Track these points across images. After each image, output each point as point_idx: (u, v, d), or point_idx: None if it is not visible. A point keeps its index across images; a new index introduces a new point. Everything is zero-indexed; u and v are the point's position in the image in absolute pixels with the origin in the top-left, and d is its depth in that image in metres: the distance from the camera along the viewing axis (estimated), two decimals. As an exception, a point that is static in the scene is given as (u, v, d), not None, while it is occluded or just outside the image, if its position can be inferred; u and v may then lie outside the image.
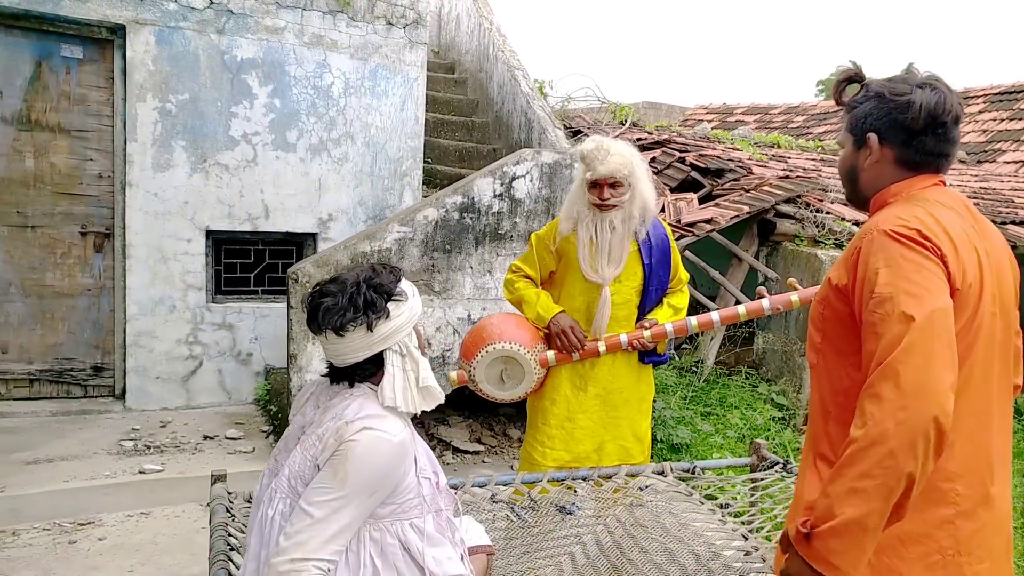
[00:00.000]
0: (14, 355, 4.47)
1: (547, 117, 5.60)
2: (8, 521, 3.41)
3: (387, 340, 1.77)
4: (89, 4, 4.24)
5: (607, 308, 2.81)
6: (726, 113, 14.93)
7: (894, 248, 1.39)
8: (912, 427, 1.27)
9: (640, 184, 2.80)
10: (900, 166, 1.55)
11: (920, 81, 1.53)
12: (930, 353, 1.30)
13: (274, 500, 1.73)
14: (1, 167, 4.33)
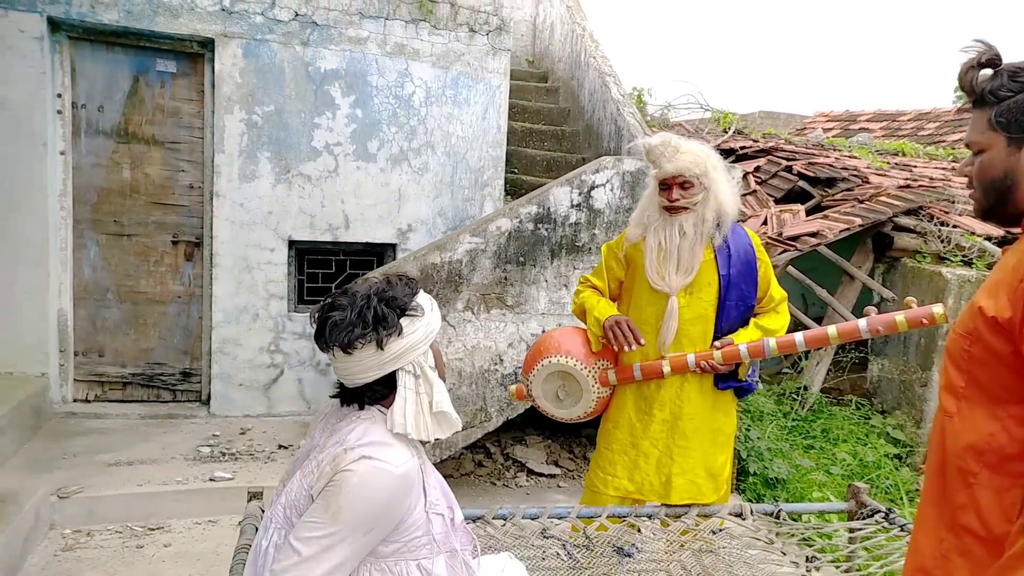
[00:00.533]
0: (109, 358, 4.65)
1: (637, 124, 5.32)
2: (84, 522, 3.49)
3: (399, 359, 1.60)
4: (181, 19, 4.37)
5: (673, 321, 2.53)
6: (849, 120, 14.02)
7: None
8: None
9: (716, 186, 2.52)
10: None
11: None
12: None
13: (269, 530, 1.59)
14: (101, 178, 4.52)
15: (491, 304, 4.00)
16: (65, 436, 4.13)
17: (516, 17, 7.97)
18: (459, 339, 3.97)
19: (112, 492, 3.57)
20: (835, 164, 6.30)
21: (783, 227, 5.37)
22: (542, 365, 2.66)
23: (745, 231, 2.65)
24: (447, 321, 3.95)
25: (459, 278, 3.94)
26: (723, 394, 2.66)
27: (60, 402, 4.48)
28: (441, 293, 3.92)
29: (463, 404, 4.03)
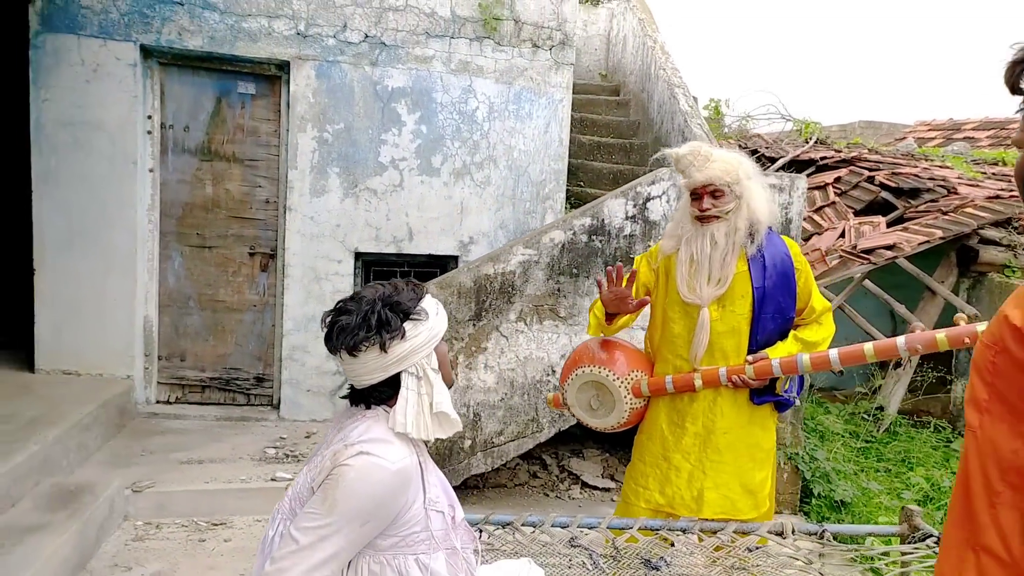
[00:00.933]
0: (190, 363, 4.95)
1: (705, 136, 5.24)
2: (154, 515, 3.72)
3: (403, 361, 1.65)
4: (260, 44, 4.64)
5: (704, 333, 2.48)
6: (952, 129, 13.26)
7: None
8: None
9: (749, 194, 2.46)
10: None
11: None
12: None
13: (276, 521, 1.67)
14: (186, 193, 4.84)
15: (544, 315, 4.02)
16: (146, 435, 4.42)
17: (590, 32, 8.02)
18: (511, 350, 4.01)
19: (181, 488, 3.79)
20: (921, 175, 6.00)
21: (860, 239, 5.15)
22: (576, 375, 2.67)
23: (782, 240, 2.57)
24: (500, 331, 4.00)
25: (512, 289, 3.98)
26: (760, 408, 2.58)
27: (144, 403, 4.80)
28: (494, 304, 3.97)
29: (515, 414, 4.06)
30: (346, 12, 4.70)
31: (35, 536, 3.03)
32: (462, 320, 3.95)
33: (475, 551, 1.80)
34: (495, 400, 4.04)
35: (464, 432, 4.04)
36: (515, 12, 4.88)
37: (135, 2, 4.45)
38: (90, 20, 4.41)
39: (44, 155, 4.45)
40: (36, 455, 3.47)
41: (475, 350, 3.99)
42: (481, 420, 4.04)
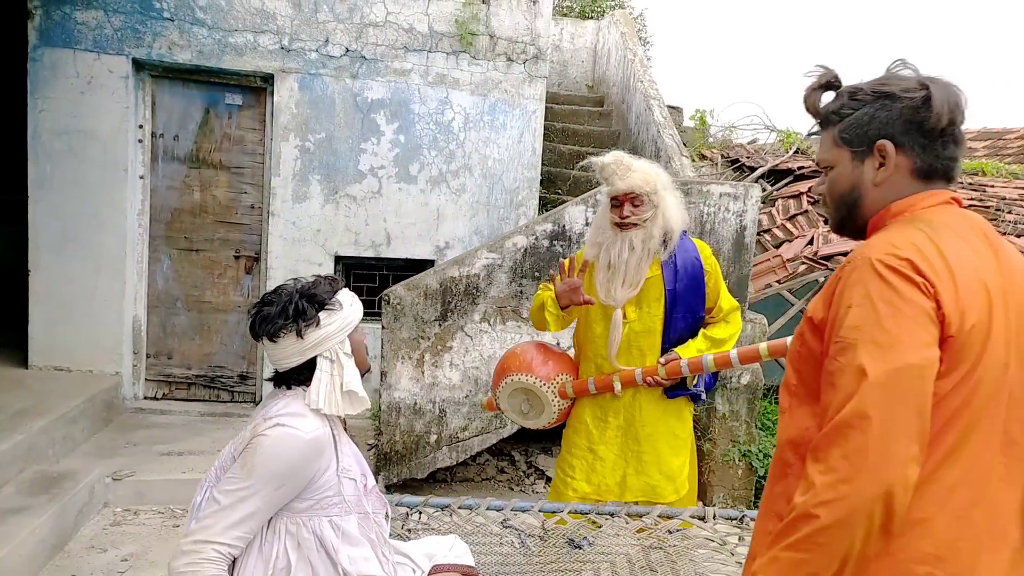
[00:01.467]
0: (177, 360, 5.17)
1: (675, 146, 5.43)
2: (133, 502, 3.93)
3: (318, 347, 1.85)
4: (245, 57, 4.88)
5: (617, 332, 2.65)
6: (950, 141, 13.38)
7: (875, 284, 1.18)
8: (853, 505, 1.11)
9: (665, 204, 2.64)
10: (915, 177, 1.32)
11: (925, 76, 1.31)
12: (890, 419, 1.12)
13: (203, 488, 1.87)
14: (175, 199, 5.08)
15: (507, 316, 4.21)
16: (131, 428, 4.64)
17: (577, 45, 8.24)
18: (476, 349, 4.20)
19: (160, 477, 4.00)
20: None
21: (824, 246, 5.31)
22: (506, 383, 2.83)
23: (694, 244, 2.74)
24: (464, 331, 4.19)
25: (477, 291, 4.17)
26: (675, 401, 2.76)
27: (132, 399, 5.02)
28: (459, 305, 4.17)
29: (479, 410, 4.25)
30: (328, 28, 4.93)
31: (16, 517, 3.25)
32: (429, 320, 4.15)
33: (386, 516, 1.98)
34: (460, 397, 4.23)
35: (430, 427, 4.23)
36: (490, 28, 5.09)
37: (128, 18, 4.70)
38: (85, 35, 4.67)
39: (40, 162, 4.70)
40: (21, 444, 3.69)
41: (441, 349, 4.18)
42: (447, 416, 4.23)
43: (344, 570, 1.80)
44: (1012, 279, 1.25)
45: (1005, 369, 1.21)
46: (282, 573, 1.77)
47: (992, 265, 1.23)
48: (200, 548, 1.69)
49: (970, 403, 1.18)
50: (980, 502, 1.20)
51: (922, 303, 1.14)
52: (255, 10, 4.82)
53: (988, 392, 1.19)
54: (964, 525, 1.19)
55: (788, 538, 1.17)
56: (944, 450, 1.18)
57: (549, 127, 6.69)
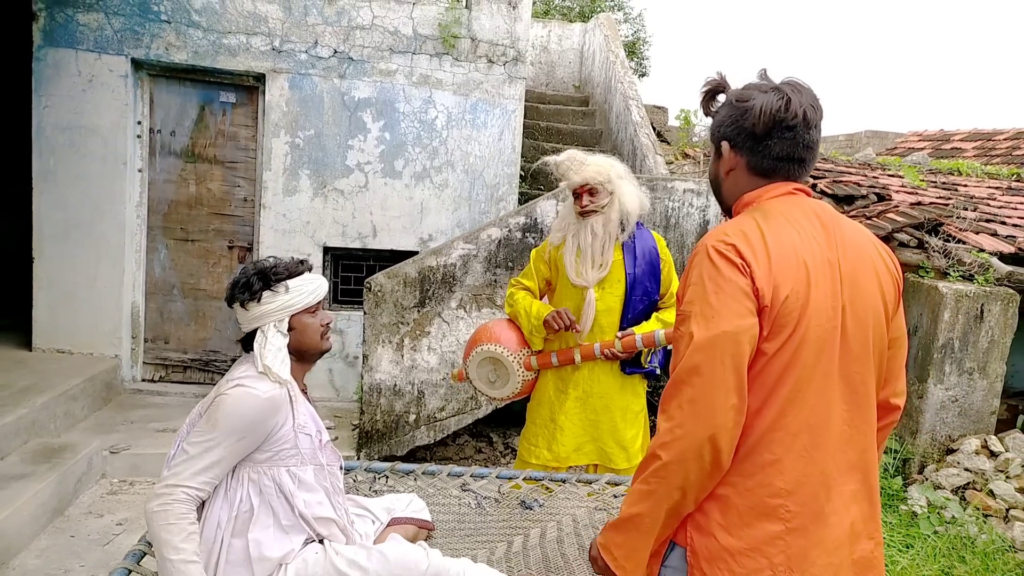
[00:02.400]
0: (173, 345, 5.44)
1: (650, 145, 5.67)
2: (129, 474, 4.20)
3: (258, 320, 2.09)
4: (239, 58, 5.14)
5: (591, 310, 2.91)
6: (942, 140, 13.58)
7: (706, 265, 1.41)
8: (686, 445, 1.35)
9: (620, 191, 2.90)
10: (754, 173, 1.54)
11: (771, 86, 1.52)
12: (711, 375, 1.34)
13: (176, 443, 2.12)
14: (171, 192, 5.34)
15: (482, 303, 4.46)
16: (129, 408, 4.91)
17: (565, 46, 8.48)
18: (452, 334, 4.46)
19: (154, 451, 4.26)
20: (861, 183, 6.38)
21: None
22: (476, 352, 3.10)
23: (652, 235, 3.01)
24: (442, 317, 4.45)
25: (453, 280, 4.43)
26: (631, 378, 3.02)
27: (130, 380, 5.30)
28: (437, 293, 4.42)
29: (455, 392, 4.51)
30: (317, 30, 5.19)
31: (19, 483, 3.52)
32: (408, 307, 4.41)
33: (340, 468, 2.24)
34: (437, 379, 4.48)
35: (409, 407, 4.49)
36: (472, 31, 5.34)
37: (127, 20, 4.97)
38: (87, 36, 4.94)
39: (44, 156, 4.97)
40: (24, 417, 3.97)
41: (419, 334, 4.44)
42: (425, 397, 4.49)
43: (300, 512, 2.05)
44: (844, 253, 1.47)
45: (834, 331, 1.43)
46: (246, 515, 2.03)
47: (819, 244, 1.46)
48: (171, 491, 1.94)
49: (796, 361, 1.40)
50: (821, 443, 1.43)
51: (739, 281, 1.38)
52: (248, 13, 5.08)
53: (815, 350, 1.41)
54: (808, 463, 1.42)
55: (641, 474, 1.41)
56: (782, 401, 1.40)
57: (534, 126, 6.95)
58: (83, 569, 3.26)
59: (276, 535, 2.02)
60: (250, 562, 1.97)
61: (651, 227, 4.50)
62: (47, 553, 3.35)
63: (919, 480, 4.65)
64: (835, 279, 1.45)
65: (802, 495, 1.41)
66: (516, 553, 2.64)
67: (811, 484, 1.42)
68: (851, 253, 1.49)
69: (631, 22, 14.87)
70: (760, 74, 1.58)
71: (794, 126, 1.47)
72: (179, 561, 1.85)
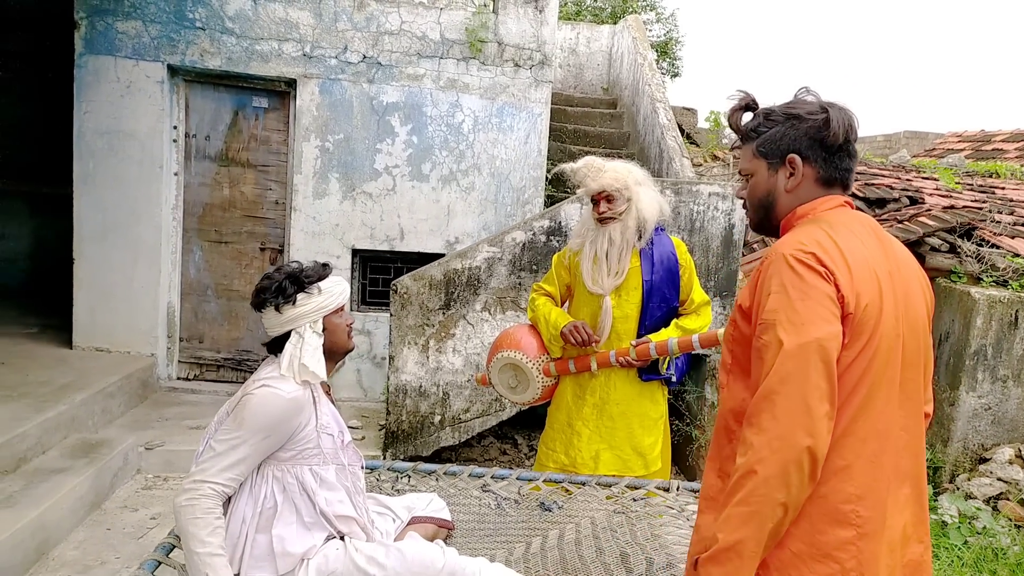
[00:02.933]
0: (207, 344, 5.58)
1: (677, 148, 5.66)
2: (163, 469, 4.32)
3: (293, 322, 2.15)
4: (271, 64, 5.26)
5: (608, 318, 2.92)
6: (982, 141, 13.29)
7: (787, 274, 1.41)
8: (786, 457, 1.32)
9: (637, 197, 2.90)
10: (818, 184, 1.57)
11: (825, 102, 1.57)
12: (805, 383, 1.34)
13: (204, 441, 2.20)
14: (206, 195, 5.48)
15: (506, 306, 4.50)
16: (164, 405, 5.05)
17: (593, 48, 8.49)
18: (477, 336, 4.51)
19: (187, 448, 4.38)
20: (894, 185, 6.29)
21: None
22: (497, 358, 3.14)
23: (671, 240, 3.01)
24: (467, 320, 4.50)
25: (478, 283, 4.48)
26: (649, 384, 3.02)
27: (166, 379, 5.44)
28: (462, 295, 4.48)
29: (480, 394, 4.55)
30: (347, 36, 5.28)
31: (59, 476, 3.65)
32: (433, 309, 4.47)
33: (361, 467, 2.30)
34: (462, 381, 4.54)
35: (435, 408, 4.55)
36: (498, 35, 5.39)
37: (164, 28, 5.11)
38: (125, 44, 5.09)
39: (84, 160, 5.13)
40: (64, 413, 4.11)
41: (444, 336, 4.49)
42: (449, 398, 4.54)
43: (322, 510, 2.12)
44: (897, 265, 1.51)
45: (898, 339, 1.46)
46: (270, 511, 2.10)
47: (879, 255, 1.49)
48: (198, 487, 2.02)
49: (871, 368, 1.42)
50: (886, 449, 1.46)
51: (825, 288, 1.39)
52: (279, 20, 5.19)
53: (884, 359, 1.44)
54: (876, 468, 1.44)
55: (736, 495, 1.36)
56: (855, 408, 1.42)
57: (561, 128, 6.97)
58: (118, 561, 3.37)
59: (299, 531, 2.08)
60: (273, 557, 2.03)
61: (676, 231, 4.50)
62: (84, 545, 3.47)
63: (950, 489, 4.58)
64: (894, 289, 1.48)
65: (871, 500, 1.43)
66: (534, 554, 2.67)
67: (879, 489, 1.44)
68: (902, 266, 1.53)
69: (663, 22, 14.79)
70: (806, 90, 1.61)
71: (854, 140, 1.54)
72: (205, 554, 1.93)
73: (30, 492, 3.45)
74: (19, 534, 3.13)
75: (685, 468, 4.94)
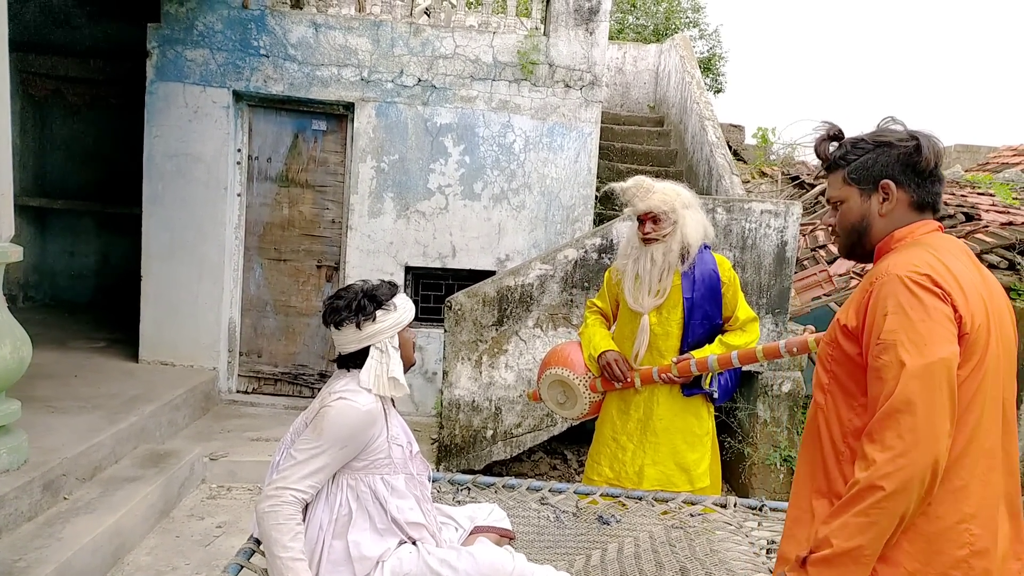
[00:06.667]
0: (265, 359, 5.76)
1: (727, 165, 5.69)
2: (226, 480, 4.47)
3: (373, 338, 2.26)
4: (330, 88, 5.45)
5: (645, 336, 2.97)
6: (1039, 155, 12.98)
7: (904, 295, 1.45)
8: (910, 474, 1.38)
9: (683, 221, 2.95)
10: (911, 209, 1.61)
11: (911, 130, 1.64)
12: (931, 403, 1.39)
13: (280, 450, 2.31)
14: (266, 214, 5.68)
15: (558, 323, 4.57)
16: (225, 417, 5.23)
17: (640, 67, 8.56)
18: (529, 352, 4.59)
19: (249, 459, 4.53)
20: (948, 201, 6.21)
21: (874, 263, 5.46)
22: (547, 375, 3.21)
23: (713, 257, 3.04)
24: (519, 336, 4.58)
25: (530, 299, 4.56)
26: (693, 400, 3.06)
27: (226, 392, 5.63)
28: (515, 312, 4.56)
29: (531, 409, 4.62)
30: (403, 60, 5.45)
31: (132, 484, 3.82)
32: (486, 325, 4.56)
33: (428, 477, 2.39)
34: (514, 396, 4.61)
35: (487, 423, 4.63)
36: (549, 57, 5.51)
37: (229, 55, 5.34)
38: (193, 71, 5.33)
39: (153, 181, 5.38)
40: (135, 424, 4.29)
41: (497, 351, 4.58)
42: (502, 413, 4.62)
43: (393, 517, 2.20)
44: (991, 288, 1.56)
45: (998, 359, 1.50)
46: (345, 518, 2.19)
47: (978, 277, 1.54)
48: (280, 493, 2.12)
49: (982, 388, 1.47)
50: (995, 467, 1.50)
51: (943, 309, 1.43)
52: (339, 46, 5.39)
53: (993, 379, 1.49)
54: (986, 487, 1.48)
55: (856, 506, 1.41)
56: (971, 428, 1.46)
57: (608, 147, 7.05)
58: (188, 567, 3.51)
59: (372, 537, 2.17)
60: (351, 561, 2.13)
61: (727, 249, 4.53)
62: (156, 551, 3.63)
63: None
64: (994, 311, 1.52)
65: (984, 518, 1.46)
66: (595, 566, 2.72)
67: (990, 507, 1.48)
68: (992, 286, 1.57)
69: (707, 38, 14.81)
70: (892, 119, 1.67)
71: (941, 165, 1.60)
72: (287, 559, 2.03)
73: (106, 499, 3.61)
74: (99, 539, 3.29)
75: (737, 486, 4.92)
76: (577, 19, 5.50)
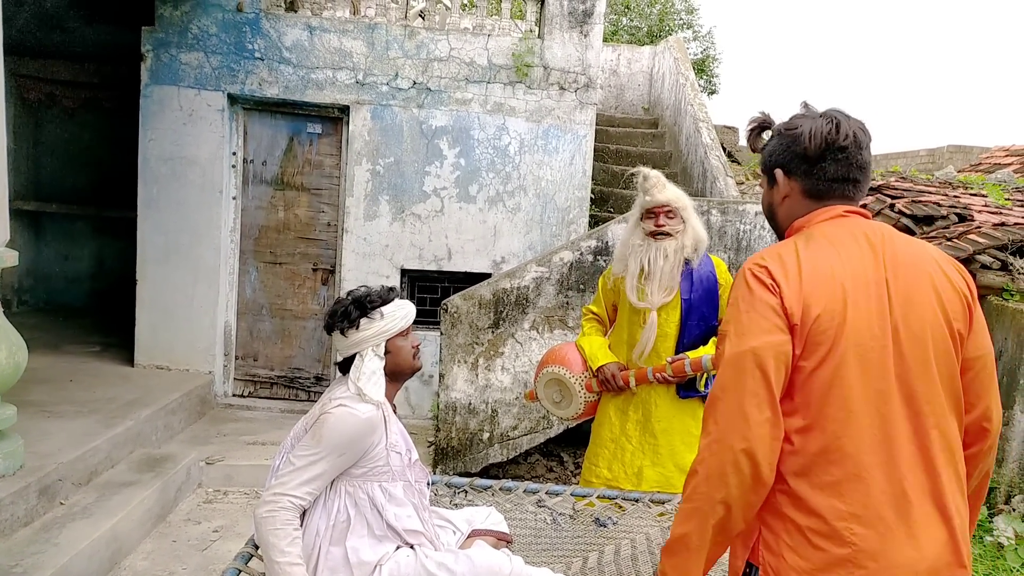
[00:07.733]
0: (261, 362, 5.76)
1: (721, 167, 5.71)
2: (223, 484, 4.47)
3: (357, 345, 2.26)
4: (325, 91, 5.45)
5: (652, 332, 2.96)
6: (1031, 156, 13.06)
7: (741, 287, 1.49)
8: (722, 458, 1.40)
9: (692, 220, 2.97)
10: (809, 197, 1.59)
11: (818, 113, 1.59)
12: (739, 389, 1.40)
13: (280, 454, 2.31)
14: (262, 217, 5.68)
15: (554, 325, 4.59)
16: (221, 421, 5.23)
17: (634, 69, 8.58)
18: (525, 354, 4.59)
19: (246, 463, 4.53)
20: (941, 202, 6.24)
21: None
22: (543, 373, 3.22)
23: (710, 259, 3.06)
24: (515, 338, 4.59)
25: (526, 302, 4.57)
26: (691, 401, 3.06)
27: (222, 395, 5.62)
28: (511, 314, 4.57)
29: (528, 412, 4.63)
30: (398, 63, 5.46)
31: (128, 489, 3.81)
32: (482, 328, 4.57)
33: (427, 484, 2.39)
34: (511, 398, 4.62)
35: (483, 426, 4.64)
36: (544, 60, 5.52)
37: (224, 58, 5.34)
38: (188, 74, 5.33)
39: (148, 184, 5.37)
40: (131, 429, 4.28)
41: (493, 354, 4.59)
42: (498, 415, 4.63)
43: (391, 524, 2.21)
44: (895, 272, 1.48)
45: (883, 349, 1.43)
46: (343, 525, 2.20)
47: (867, 263, 1.48)
48: (278, 499, 2.13)
49: (840, 378, 1.42)
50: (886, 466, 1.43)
51: (769, 300, 1.44)
52: (334, 49, 5.39)
53: (859, 369, 1.42)
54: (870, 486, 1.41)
55: (685, 491, 1.46)
56: (835, 423, 1.41)
57: (603, 149, 7.06)
58: (185, 571, 3.50)
59: (370, 542, 2.18)
60: (350, 567, 2.13)
61: (722, 250, 4.55)
62: (152, 556, 3.62)
63: (1006, 510, 4.51)
64: (882, 298, 1.45)
65: (868, 518, 1.41)
66: (592, 568, 2.73)
67: (877, 507, 1.41)
68: (903, 272, 1.49)
69: (700, 40, 14.85)
70: (803, 105, 1.66)
71: (846, 147, 1.52)
72: (285, 563, 2.03)
73: (103, 504, 3.61)
74: (95, 544, 3.29)
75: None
76: (571, 21, 5.52)
